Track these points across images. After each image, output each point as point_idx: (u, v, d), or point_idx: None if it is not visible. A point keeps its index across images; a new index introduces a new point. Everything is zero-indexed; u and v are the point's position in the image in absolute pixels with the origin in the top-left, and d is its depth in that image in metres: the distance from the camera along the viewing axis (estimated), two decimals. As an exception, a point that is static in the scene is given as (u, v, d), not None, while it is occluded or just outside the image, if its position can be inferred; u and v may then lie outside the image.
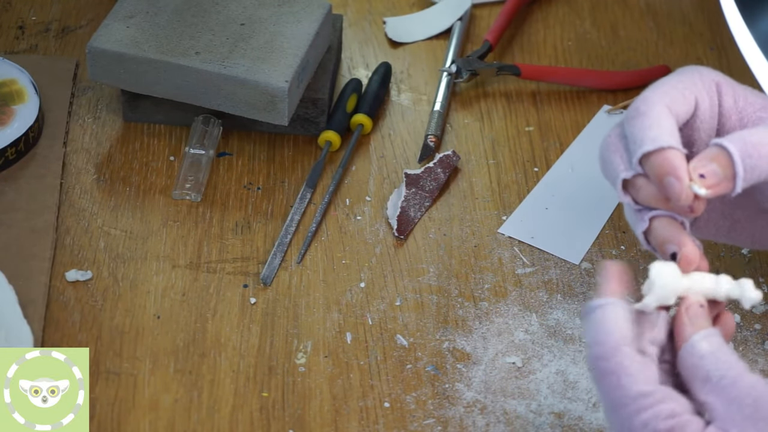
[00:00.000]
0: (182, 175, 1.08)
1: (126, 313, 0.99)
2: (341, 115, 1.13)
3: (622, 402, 0.75)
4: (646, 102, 0.83)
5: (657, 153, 0.81)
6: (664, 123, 0.82)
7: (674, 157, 0.80)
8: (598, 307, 0.79)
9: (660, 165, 0.81)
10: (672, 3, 1.29)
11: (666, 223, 0.83)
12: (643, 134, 0.82)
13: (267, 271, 1.02)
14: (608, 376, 0.76)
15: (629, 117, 0.84)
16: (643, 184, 0.83)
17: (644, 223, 0.84)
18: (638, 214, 0.85)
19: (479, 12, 1.28)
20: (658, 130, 0.82)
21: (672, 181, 0.81)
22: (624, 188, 0.84)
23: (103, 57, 1.09)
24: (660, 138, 0.81)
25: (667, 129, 0.82)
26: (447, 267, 1.04)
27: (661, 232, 0.84)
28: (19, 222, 1.04)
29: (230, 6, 1.13)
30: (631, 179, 0.83)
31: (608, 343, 0.77)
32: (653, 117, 0.82)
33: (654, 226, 0.84)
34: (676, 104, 0.84)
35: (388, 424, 0.93)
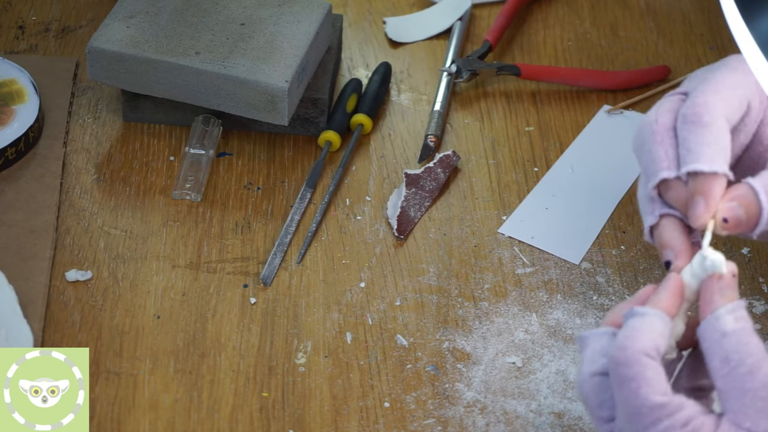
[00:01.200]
0: (182, 175, 1.08)
1: (126, 313, 0.99)
2: (341, 115, 1.14)
3: (640, 411, 0.75)
4: (709, 111, 0.84)
5: (708, 175, 0.82)
6: (723, 142, 0.84)
7: (718, 184, 0.82)
8: (640, 314, 0.78)
9: (701, 185, 0.82)
10: (672, 3, 1.29)
11: (673, 225, 0.84)
12: (700, 149, 0.83)
13: (267, 271, 1.02)
14: (627, 383, 0.76)
15: (688, 120, 0.84)
16: (677, 186, 0.84)
17: (654, 217, 0.85)
18: (651, 207, 0.85)
19: (479, 12, 1.28)
20: (716, 148, 0.83)
21: (700, 202, 0.82)
22: (657, 184, 0.84)
23: (103, 57, 1.09)
24: (716, 160, 0.82)
25: (724, 150, 0.84)
26: (447, 267, 1.04)
27: (665, 234, 0.84)
28: (19, 222, 1.04)
29: (230, 6, 1.13)
30: (668, 180, 0.84)
31: (633, 348, 0.76)
32: (714, 133, 0.84)
33: (662, 223, 0.85)
34: (733, 113, 0.85)
35: (388, 424, 0.93)
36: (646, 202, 0.86)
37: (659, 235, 0.84)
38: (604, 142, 1.15)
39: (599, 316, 1.00)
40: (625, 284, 1.03)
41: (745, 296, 1.02)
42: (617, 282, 1.03)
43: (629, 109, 1.18)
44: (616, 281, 1.03)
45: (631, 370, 0.76)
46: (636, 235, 1.07)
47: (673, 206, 0.84)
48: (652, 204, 0.85)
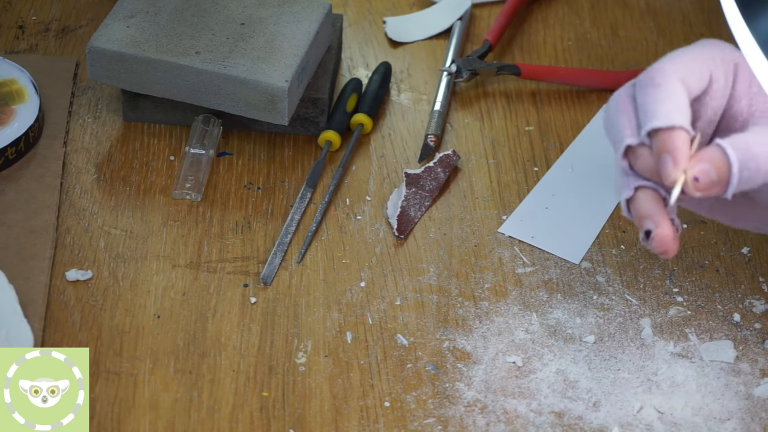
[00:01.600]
0: (182, 175, 1.08)
1: (126, 312, 0.99)
2: (341, 114, 1.14)
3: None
4: (662, 73, 0.84)
5: (665, 130, 0.81)
6: (678, 99, 0.83)
7: (679, 138, 0.82)
8: None
9: (664, 142, 0.81)
10: (672, 3, 1.29)
11: (649, 196, 0.84)
12: (655, 107, 0.83)
13: (267, 270, 1.02)
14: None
15: (642, 84, 0.84)
16: (643, 153, 0.84)
17: (629, 190, 0.85)
18: (626, 179, 0.85)
19: (479, 12, 1.28)
20: (670, 105, 0.83)
21: (667, 160, 0.81)
22: (624, 153, 0.84)
23: (103, 57, 1.09)
24: (672, 115, 0.82)
25: (680, 106, 0.83)
26: (447, 266, 1.04)
27: (642, 205, 0.84)
28: (19, 222, 1.04)
29: (230, 6, 1.13)
30: (634, 147, 0.84)
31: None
32: (667, 90, 0.83)
33: (637, 196, 0.85)
34: (690, 79, 0.85)
35: (388, 423, 0.93)
36: (619, 176, 0.86)
37: (637, 208, 0.84)
38: (604, 142, 1.15)
39: (599, 316, 1.00)
40: (625, 284, 1.03)
41: (745, 296, 1.02)
42: (617, 282, 1.03)
43: (629, 108, 1.18)
44: (616, 281, 1.03)
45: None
46: (636, 235, 1.07)
47: (646, 178, 0.84)
48: (626, 177, 0.85)
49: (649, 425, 0.93)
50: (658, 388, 0.96)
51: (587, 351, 0.98)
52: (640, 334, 0.99)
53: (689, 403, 0.95)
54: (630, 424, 0.93)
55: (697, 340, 0.99)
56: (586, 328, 1.00)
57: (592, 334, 0.99)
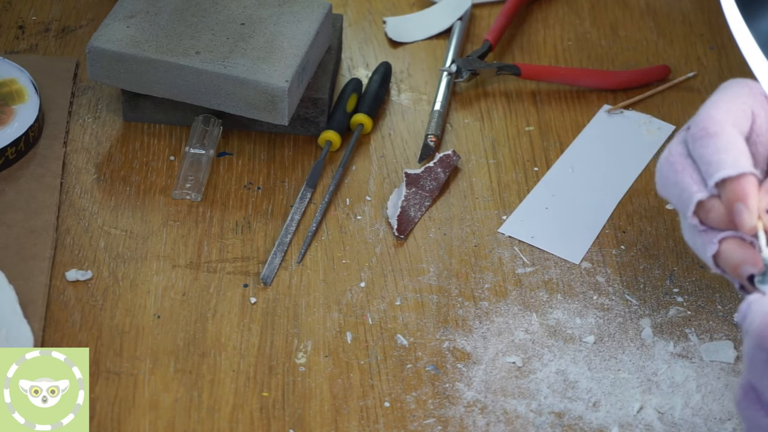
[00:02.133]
0: (182, 175, 1.08)
1: (126, 312, 0.99)
2: (341, 114, 1.14)
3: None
4: (714, 122, 0.83)
5: (735, 179, 0.81)
6: (739, 145, 0.82)
7: (749, 183, 0.81)
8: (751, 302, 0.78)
9: (733, 191, 0.81)
10: (672, 3, 1.29)
11: (736, 245, 0.82)
12: (719, 157, 0.82)
13: (267, 270, 1.02)
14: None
15: (697, 137, 0.83)
16: (714, 205, 0.82)
17: (714, 246, 0.83)
18: (704, 236, 0.83)
19: (479, 12, 1.28)
20: (735, 153, 0.82)
21: (741, 208, 0.80)
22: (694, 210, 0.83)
23: (103, 57, 1.09)
24: (738, 162, 0.81)
25: (743, 151, 0.82)
26: (447, 267, 1.04)
27: (733, 255, 0.82)
28: (19, 222, 1.04)
29: (230, 6, 1.13)
30: (703, 201, 0.83)
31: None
32: (726, 139, 0.82)
33: (723, 248, 0.83)
34: (739, 121, 0.84)
35: (388, 423, 0.93)
36: (695, 236, 0.85)
37: (728, 259, 0.82)
38: (604, 142, 1.15)
39: (599, 316, 1.00)
40: (625, 284, 1.03)
41: (745, 296, 1.02)
42: (617, 282, 1.03)
43: (629, 108, 1.18)
44: (616, 281, 1.03)
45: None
46: (636, 235, 1.07)
47: (722, 229, 0.83)
48: (705, 234, 0.84)
49: (649, 425, 0.93)
50: (658, 388, 0.96)
51: (587, 351, 0.98)
52: (640, 335, 0.99)
53: (689, 403, 0.95)
54: (630, 425, 0.93)
55: (697, 340, 0.99)
56: (586, 329, 1.00)
57: (592, 335, 0.99)
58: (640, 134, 1.15)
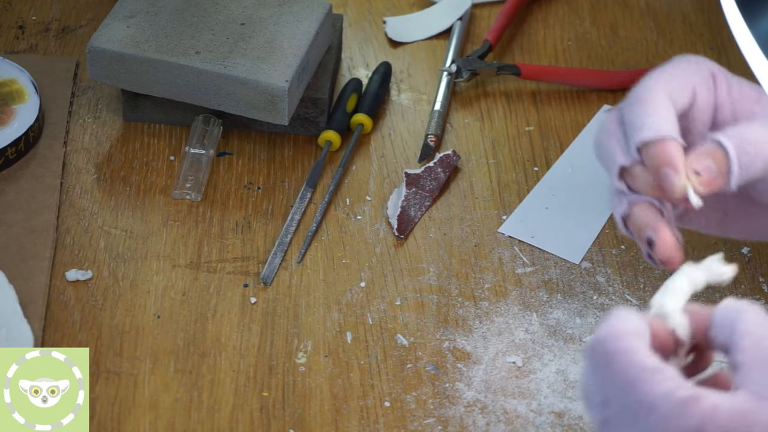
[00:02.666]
0: (182, 175, 1.08)
1: (126, 312, 0.99)
2: (341, 114, 1.13)
3: (639, 377, 0.70)
4: (647, 89, 0.83)
5: (656, 142, 0.80)
6: (664, 112, 0.82)
7: (672, 147, 0.80)
8: (613, 313, 0.74)
9: (658, 155, 0.80)
10: (672, 3, 1.29)
11: (645, 208, 0.83)
12: (642, 121, 0.81)
13: (267, 270, 1.02)
14: (619, 355, 0.71)
15: (628, 103, 0.83)
16: (639, 172, 0.82)
17: (623, 206, 0.83)
18: (617, 198, 0.84)
19: (479, 12, 1.28)
20: (657, 118, 0.81)
21: (668, 172, 0.80)
22: (620, 175, 0.83)
23: (103, 57, 1.09)
24: (659, 127, 0.81)
25: (667, 118, 0.82)
26: (447, 266, 1.04)
27: (639, 218, 0.83)
28: (19, 222, 1.04)
29: (230, 6, 1.13)
30: (628, 167, 0.83)
31: (619, 327, 0.72)
32: (654, 104, 0.82)
33: (633, 211, 0.83)
34: (675, 93, 0.84)
35: (388, 423, 0.93)
36: (613, 198, 0.85)
37: (634, 222, 0.83)
38: (604, 141, 1.15)
39: (599, 316, 1.00)
40: (625, 284, 1.03)
41: (745, 296, 1.02)
42: (617, 282, 1.03)
43: (629, 108, 1.18)
44: (616, 281, 1.03)
45: (622, 342, 0.71)
46: (636, 234, 1.07)
47: (650, 196, 0.83)
48: (621, 195, 0.84)
49: (649, 425, 0.93)
50: (658, 388, 0.95)
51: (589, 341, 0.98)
52: (640, 334, 0.99)
53: (689, 403, 0.95)
54: (630, 424, 0.93)
55: (697, 340, 0.99)
56: (586, 328, 1.00)
57: (592, 334, 0.99)
58: (640, 134, 1.15)
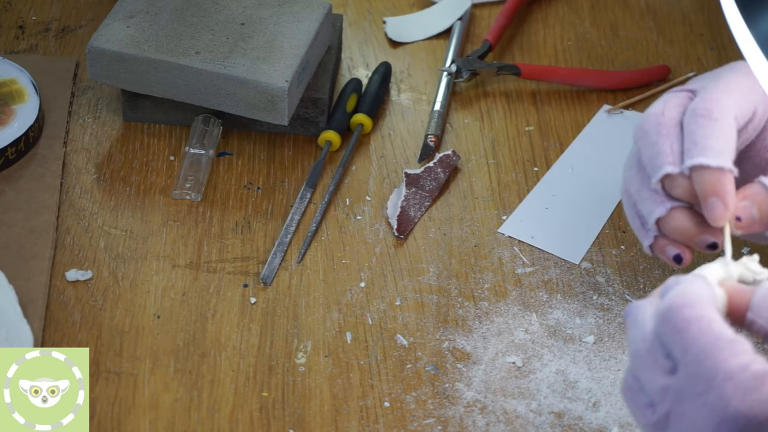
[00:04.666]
0: (182, 175, 1.08)
1: (126, 312, 0.99)
2: (341, 114, 1.14)
3: (716, 345, 0.70)
4: (720, 107, 0.83)
5: (713, 170, 0.81)
6: (729, 137, 0.83)
7: (727, 181, 0.81)
8: (683, 281, 0.75)
9: (712, 184, 0.81)
10: (672, 3, 1.29)
11: (692, 215, 0.83)
12: (706, 142, 0.82)
13: (267, 270, 1.02)
14: (695, 322, 0.71)
15: (697, 114, 0.83)
16: (683, 183, 0.83)
17: (663, 208, 0.84)
18: (657, 197, 0.84)
19: (479, 12, 1.28)
20: (721, 143, 0.82)
21: (717, 204, 0.81)
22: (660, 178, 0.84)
23: (103, 57, 1.09)
24: (721, 154, 0.81)
25: (731, 147, 0.82)
26: (447, 267, 1.04)
27: (687, 223, 0.83)
28: (19, 222, 1.04)
29: (230, 6, 1.13)
30: (672, 174, 0.83)
31: (695, 296, 0.73)
32: (722, 128, 0.82)
33: (675, 215, 0.83)
34: (741, 115, 0.84)
35: (388, 423, 0.93)
36: (644, 190, 0.85)
37: (682, 226, 0.83)
38: (604, 142, 1.15)
39: (599, 316, 1.00)
40: (625, 284, 1.03)
41: (745, 296, 1.02)
42: (617, 282, 1.03)
43: (629, 108, 1.18)
44: (616, 281, 1.03)
45: (697, 309, 0.72)
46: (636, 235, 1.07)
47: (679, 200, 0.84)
48: (658, 195, 0.84)
49: (649, 425, 0.93)
50: (658, 388, 0.95)
51: (587, 351, 0.98)
52: (640, 335, 0.99)
53: (689, 403, 0.95)
54: (630, 425, 0.93)
55: (697, 340, 0.99)
56: (586, 329, 1.00)
57: (592, 335, 0.99)
58: (640, 134, 1.15)
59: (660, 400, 0.73)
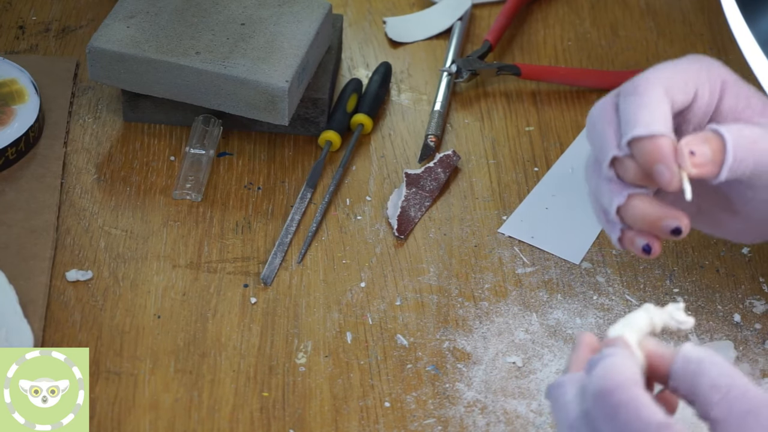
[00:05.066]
0: (182, 175, 1.08)
1: (126, 312, 0.99)
2: (341, 115, 1.14)
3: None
4: (646, 81, 0.82)
5: (648, 139, 0.80)
6: (659, 107, 0.81)
7: (665, 144, 0.79)
8: (605, 356, 0.74)
9: (650, 152, 0.80)
10: (672, 3, 1.29)
11: (651, 201, 0.81)
12: (636, 116, 0.81)
13: (267, 270, 1.02)
14: (624, 408, 0.71)
15: (625, 92, 0.82)
16: (631, 164, 0.82)
17: (621, 197, 0.82)
18: (613, 186, 0.83)
19: (479, 12, 1.28)
20: (651, 114, 0.80)
21: (662, 169, 0.79)
22: (610, 163, 0.83)
23: (103, 57, 1.09)
24: (652, 123, 0.80)
25: (661, 114, 0.81)
26: (447, 267, 1.04)
27: (648, 210, 0.82)
28: (19, 222, 1.04)
29: (230, 6, 1.13)
30: (620, 157, 0.82)
31: (622, 377, 0.72)
32: (649, 99, 0.81)
33: (635, 203, 0.82)
34: (674, 90, 0.83)
35: (388, 423, 0.93)
36: (601, 183, 0.84)
37: (644, 213, 0.81)
38: (604, 142, 1.15)
39: (599, 316, 1.00)
40: (625, 284, 1.03)
41: (745, 296, 1.02)
42: (617, 282, 1.03)
43: (629, 109, 1.18)
44: (617, 281, 1.03)
45: (627, 393, 0.72)
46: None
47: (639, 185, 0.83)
48: (615, 184, 0.83)
49: (649, 425, 0.93)
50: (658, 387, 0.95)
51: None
52: (640, 335, 0.99)
53: (689, 403, 0.95)
54: (630, 425, 0.93)
55: (698, 340, 0.99)
56: (586, 329, 1.00)
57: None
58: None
59: None
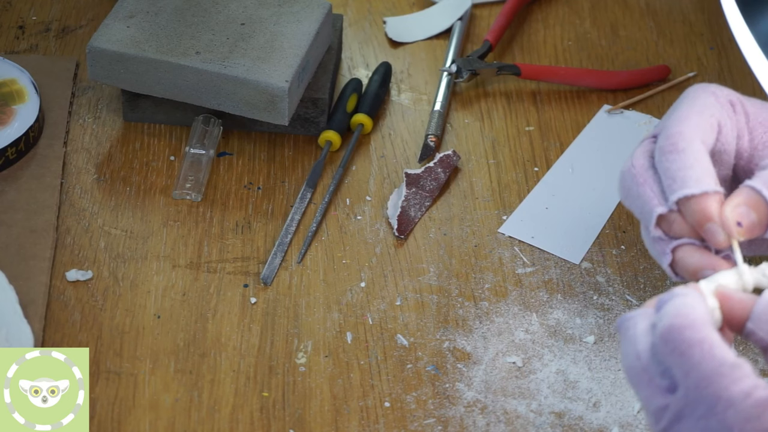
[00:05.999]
0: (182, 175, 1.08)
1: (126, 312, 0.99)
2: (341, 114, 1.14)
3: (718, 371, 0.71)
4: (683, 137, 0.84)
5: (698, 198, 0.81)
6: (704, 163, 0.83)
7: (715, 203, 0.81)
8: (679, 294, 0.75)
9: (701, 210, 0.81)
10: (672, 3, 1.29)
11: (692, 251, 0.83)
12: (683, 174, 0.82)
13: (267, 270, 1.02)
14: (697, 346, 0.72)
15: (665, 151, 0.84)
16: (676, 219, 0.83)
17: (668, 256, 0.84)
18: (659, 245, 0.85)
19: (479, 12, 1.28)
20: (699, 171, 0.82)
21: (714, 229, 0.81)
22: (656, 222, 0.84)
23: (103, 57, 1.09)
24: (702, 181, 0.82)
25: (708, 170, 0.83)
26: (447, 267, 1.04)
27: (689, 261, 0.83)
28: (19, 222, 1.04)
29: (230, 6, 1.13)
30: (665, 214, 0.83)
31: (694, 315, 0.73)
32: (692, 156, 0.83)
33: (679, 257, 0.84)
34: (707, 136, 0.85)
35: (388, 423, 0.93)
36: (652, 245, 0.86)
37: (686, 265, 0.83)
38: (604, 142, 1.15)
39: (599, 316, 1.00)
40: (625, 284, 1.03)
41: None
42: (617, 282, 1.03)
43: (629, 108, 1.18)
44: (617, 281, 1.03)
45: (699, 332, 0.72)
46: (636, 235, 1.07)
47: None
48: (659, 243, 0.85)
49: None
50: (659, 388, 0.96)
51: (587, 351, 0.98)
52: (641, 335, 0.99)
53: (689, 403, 0.95)
54: (630, 425, 0.93)
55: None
56: (586, 329, 1.00)
57: (593, 335, 0.99)
58: (640, 134, 1.16)
59: (658, 419, 0.74)
